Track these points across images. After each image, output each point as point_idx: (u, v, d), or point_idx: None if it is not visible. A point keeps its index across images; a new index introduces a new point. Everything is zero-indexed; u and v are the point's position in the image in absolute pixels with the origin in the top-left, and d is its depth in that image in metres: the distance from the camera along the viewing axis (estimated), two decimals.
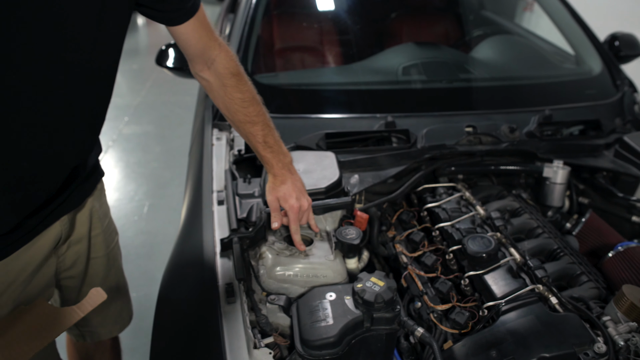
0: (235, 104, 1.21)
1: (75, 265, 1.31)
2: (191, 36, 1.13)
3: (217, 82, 1.20)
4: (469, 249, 1.26)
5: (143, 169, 3.81)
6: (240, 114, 1.22)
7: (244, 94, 1.21)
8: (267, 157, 1.26)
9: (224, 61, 1.19)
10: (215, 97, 1.23)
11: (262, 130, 1.24)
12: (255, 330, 1.11)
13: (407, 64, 2.00)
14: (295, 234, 1.25)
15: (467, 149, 1.62)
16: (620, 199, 1.59)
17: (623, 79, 2.02)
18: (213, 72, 1.19)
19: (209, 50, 1.17)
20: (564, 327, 1.06)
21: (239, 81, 1.21)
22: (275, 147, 1.26)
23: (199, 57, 1.18)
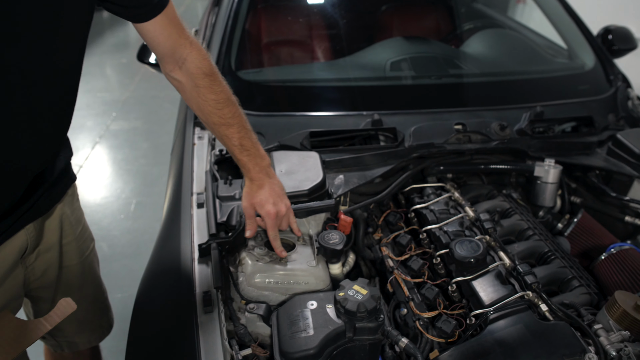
0: (209, 106, 1.14)
1: (46, 274, 1.26)
2: (159, 34, 1.07)
3: (189, 82, 1.14)
4: (457, 253, 1.21)
5: (130, 165, 3.74)
6: (215, 116, 1.15)
7: (218, 95, 1.15)
8: (244, 160, 1.20)
9: (196, 60, 1.12)
10: (188, 98, 1.17)
11: (238, 132, 1.18)
12: (233, 341, 1.06)
13: (395, 59, 1.95)
14: (274, 241, 1.20)
15: (456, 148, 1.58)
16: (613, 199, 1.55)
17: (616, 73, 1.98)
18: (185, 72, 1.13)
19: (180, 48, 1.11)
20: (554, 336, 1.02)
21: (212, 82, 1.14)
22: (252, 150, 1.20)
23: (169, 57, 1.11)
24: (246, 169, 1.21)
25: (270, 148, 1.56)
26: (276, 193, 1.21)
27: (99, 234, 2.96)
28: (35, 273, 1.23)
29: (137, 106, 4.72)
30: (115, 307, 2.37)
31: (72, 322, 1.44)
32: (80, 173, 3.63)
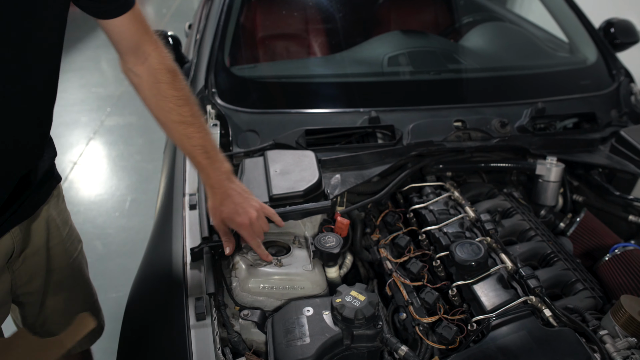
0: (170, 102, 1.10)
1: (33, 279, 1.22)
2: (127, 29, 1.05)
3: (150, 78, 1.10)
4: (457, 256, 1.18)
5: (125, 162, 3.69)
6: (175, 113, 1.10)
7: (179, 91, 1.11)
8: (204, 164, 1.14)
9: (159, 57, 1.10)
10: (147, 96, 1.12)
11: (198, 132, 1.13)
12: (227, 349, 1.03)
13: (392, 54, 1.90)
14: (257, 248, 1.16)
15: (456, 146, 1.54)
16: (616, 197, 1.51)
17: (619, 68, 1.93)
18: (147, 67, 1.10)
19: (144, 44, 1.08)
20: (558, 343, 0.99)
21: (174, 78, 1.11)
22: (212, 153, 1.14)
23: (132, 52, 1.08)
24: (206, 174, 1.15)
25: (265, 147, 1.51)
26: (242, 198, 1.15)
27: (93, 232, 2.92)
28: (22, 278, 1.19)
29: (132, 101, 4.65)
30: (109, 306, 2.34)
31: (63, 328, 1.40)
32: (74, 170, 3.58)
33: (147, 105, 1.14)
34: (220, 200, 1.14)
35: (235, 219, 1.13)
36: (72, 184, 3.42)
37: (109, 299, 2.40)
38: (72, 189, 3.37)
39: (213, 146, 1.16)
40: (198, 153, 1.13)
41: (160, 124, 1.15)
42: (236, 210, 1.13)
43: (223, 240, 1.17)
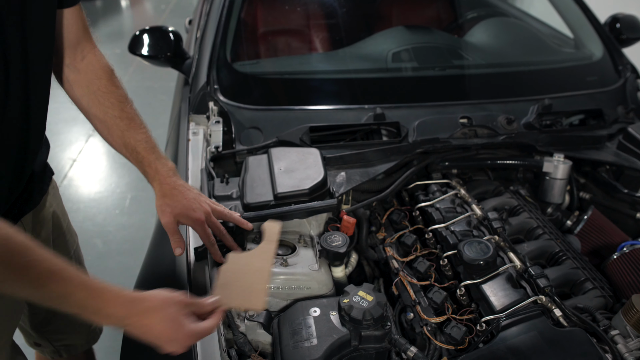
0: (111, 97, 1.08)
1: None
2: (74, 22, 1.05)
3: (89, 74, 1.08)
4: (465, 255, 1.16)
5: (125, 159, 3.64)
6: (117, 108, 1.07)
7: (119, 89, 1.10)
8: (150, 159, 1.07)
9: (98, 55, 1.11)
10: (84, 93, 1.08)
11: (141, 127, 1.09)
12: (233, 351, 1.01)
13: (396, 50, 1.88)
14: (211, 247, 1.10)
15: (462, 143, 1.52)
16: (624, 195, 1.49)
17: (625, 64, 1.91)
18: (86, 64, 1.09)
19: (85, 42, 1.09)
20: (569, 344, 0.97)
21: (113, 76, 1.11)
22: (156, 149, 1.10)
23: (73, 47, 1.07)
24: (154, 170, 1.07)
25: (269, 144, 1.49)
26: (194, 194, 1.09)
27: (93, 230, 2.90)
28: None
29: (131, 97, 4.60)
30: None
31: (70, 324, 1.39)
32: (73, 167, 3.56)
33: (83, 103, 1.09)
34: (170, 196, 1.06)
35: (190, 214, 1.05)
36: (71, 182, 3.40)
37: None
38: (72, 186, 3.35)
39: (156, 144, 1.11)
40: (143, 148, 1.07)
41: (96, 123, 1.10)
42: (190, 205, 1.06)
43: (172, 241, 1.06)
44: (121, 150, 1.10)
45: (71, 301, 0.74)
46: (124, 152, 1.09)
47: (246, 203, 1.24)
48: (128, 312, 0.78)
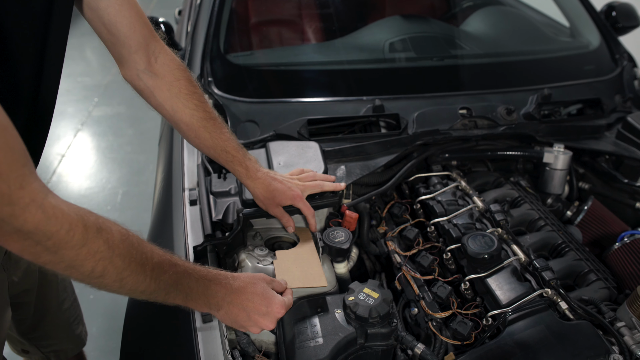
0: (194, 99, 1.04)
1: (27, 276, 1.17)
2: (136, 21, 0.96)
3: (168, 76, 1.02)
4: (470, 249, 1.15)
5: (115, 154, 3.61)
6: (200, 109, 1.05)
7: (197, 88, 1.06)
8: (240, 158, 1.09)
9: (169, 54, 1.03)
10: (166, 98, 1.03)
11: (224, 127, 1.09)
12: (236, 352, 0.99)
13: (393, 40, 1.85)
14: (312, 218, 1.18)
15: (462, 134, 1.50)
16: (624, 185, 1.49)
17: (622, 52, 1.90)
18: (161, 65, 1.02)
19: (153, 40, 1.00)
20: (577, 337, 0.96)
21: (189, 73, 1.06)
22: (241, 146, 1.11)
23: (144, 49, 0.99)
24: (244, 167, 1.10)
25: (266, 138, 1.46)
26: (281, 176, 1.15)
27: None
28: (17, 275, 1.14)
29: (120, 91, 4.54)
30: (104, 304, 2.30)
31: (60, 325, 1.37)
32: (62, 163, 3.50)
33: (166, 109, 1.04)
34: (265, 188, 1.11)
35: (288, 194, 1.11)
36: (60, 177, 3.34)
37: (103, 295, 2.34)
38: (61, 182, 3.29)
39: (236, 137, 1.12)
40: (232, 147, 1.08)
41: (182, 127, 1.06)
42: (284, 187, 1.12)
43: (284, 222, 1.16)
44: (209, 152, 1.10)
45: (180, 288, 0.78)
46: (212, 154, 1.10)
47: (245, 199, 1.21)
48: (227, 290, 0.84)
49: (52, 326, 1.35)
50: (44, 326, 1.33)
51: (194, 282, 0.81)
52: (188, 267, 0.81)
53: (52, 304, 1.32)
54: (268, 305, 0.87)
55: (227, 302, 0.85)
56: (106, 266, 0.67)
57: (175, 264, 0.78)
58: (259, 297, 0.87)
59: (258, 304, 0.87)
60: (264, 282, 0.91)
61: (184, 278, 0.79)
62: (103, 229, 0.67)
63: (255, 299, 0.87)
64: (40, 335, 1.33)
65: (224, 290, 0.85)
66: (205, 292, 0.82)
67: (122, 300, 1.22)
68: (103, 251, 0.66)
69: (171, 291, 0.78)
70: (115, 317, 2.06)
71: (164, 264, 0.76)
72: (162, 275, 0.75)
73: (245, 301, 0.86)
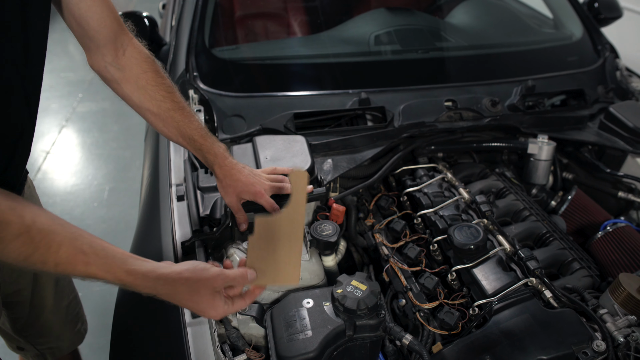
0: (162, 90, 1.04)
1: (22, 275, 1.16)
2: (107, 15, 0.96)
3: (135, 69, 1.02)
4: (456, 240, 1.16)
5: (101, 150, 3.57)
6: (168, 100, 1.05)
7: (164, 79, 1.06)
8: (207, 145, 1.09)
9: (137, 46, 1.04)
10: (133, 89, 1.04)
11: (192, 115, 1.08)
12: (226, 346, 1.00)
13: (379, 33, 1.85)
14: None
15: (448, 126, 1.51)
16: (606, 174, 1.51)
17: (604, 43, 1.93)
18: (129, 58, 1.02)
19: (121, 34, 1.01)
20: (561, 325, 0.98)
21: (156, 65, 1.06)
22: (210, 133, 1.11)
23: (112, 43, 1.00)
24: (213, 154, 1.09)
25: (252, 132, 1.46)
26: (249, 170, 1.14)
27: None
28: (11, 275, 1.14)
29: (104, 86, 4.35)
30: (93, 300, 2.28)
31: (55, 324, 1.36)
32: (47, 160, 3.45)
33: (133, 100, 1.06)
34: (230, 176, 1.11)
35: (250, 189, 1.11)
36: (46, 175, 3.30)
37: (93, 292, 2.34)
38: (47, 179, 3.25)
39: (205, 125, 1.11)
40: (200, 135, 1.08)
41: (149, 117, 1.08)
42: (249, 181, 1.11)
43: (237, 217, 1.14)
44: (177, 140, 1.10)
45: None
46: (181, 142, 1.10)
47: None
48: (173, 290, 0.79)
49: (48, 325, 1.34)
50: (40, 325, 1.32)
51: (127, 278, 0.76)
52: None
53: (48, 303, 1.31)
54: (209, 312, 0.82)
55: (170, 299, 0.80)
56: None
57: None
58: (202, 304, 0.81)
59: (200, 309, 0.82)
60: (212, 286, 0.81)
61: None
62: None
63: (197, 306, 0.81)
64: (36, 333, 1.32)
65: (166, 290, 0.79)
66: (144, 289, 0.78)
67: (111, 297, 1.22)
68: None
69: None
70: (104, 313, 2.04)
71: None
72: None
73: (186, 303, 0.82)
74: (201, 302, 0.81)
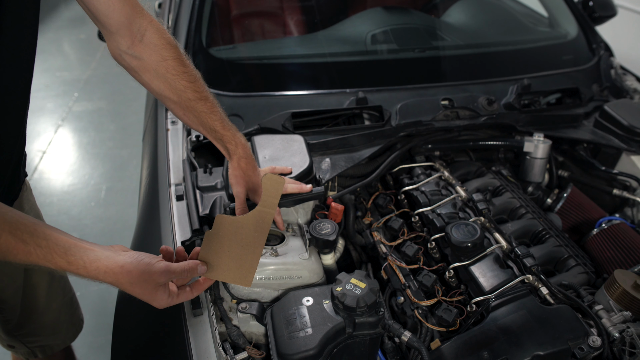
0: (183, 80, 1.00)
1: (14, 277, 1.16)
2: (116, 0, 0.91)
3: (154, 56, 0.97)
4: (453, 238, 1.17)
5: (98, 149, 3.56)
6: (190, 90, 1.01)
7: (187, 67, 1.01)
8: (229, 136, 1.07)
9: (157, 31, 0.98)
10: (152, 78, 1.00)
11: (214, 106, 1.06)
12: (227, 344, 1.00)
13: (375, 32, 1.86)
14: (277, 216, 1.17)
15: (445, 125, 1.52)
16: (601, 172, 1.53)
17: (599, 42, 1.94)
18: (147, 45, 0.97)
19: (138, 17, 0.95)
20: (557, 321, 1.00)
21: (178, 52, 1.01)
22: (231, 124, 1.10)
23: (125, 29, 0.95)
24: (233, 144, 1.08)
25: (250, 132, 1.47)
26: (269, 169, 1.15)
27: (68, 224, 2.82)
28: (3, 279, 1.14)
29: (100, 85, 4.48)
30: (91, 300, 2.29)
31: (47, 324, 1.36)
32: (44, 159, 3.44)
33: (153, 89, 1.02)
34: (246, 169, 1.10)
35: (259, 190, 1.10)
36: (42, 175, 3.29)
37: (90, 292, 2.34)
38: (43, 179, 3.24)
39: (226, 114, 1.10)
40: (221, 126, 1.06)
41: (170, 105, 1.05)
42: (259, 175, 1.11)
43: (238, 209, 1.11)
44: (197, 128, 1.09)
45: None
46: (201, 131, 1.09)
47: (231, 193, 1.22)
48: (115, 281, 0.79)
49: (38, 325, 1.34)
50: (30, 325, 1.32)
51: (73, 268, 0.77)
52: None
53: (40, 304, 1.31)
54: (154, 302, 0.83)
55: (117, 286, 0.81)
56: None
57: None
58: (146, 295, 0.82)
59: (146, 298, 0.83)
60: (156, 279, 0.81)
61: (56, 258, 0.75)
62: None
63: (143, 295, 0.82)
64: (27, 333, 1.32)
65: (111, 279, 0.79)
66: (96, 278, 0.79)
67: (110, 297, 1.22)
68: None
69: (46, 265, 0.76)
70: (103, 313, 2.05)
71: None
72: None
73: (132, 292, 0.82)
74: (143, 295, 0.81)
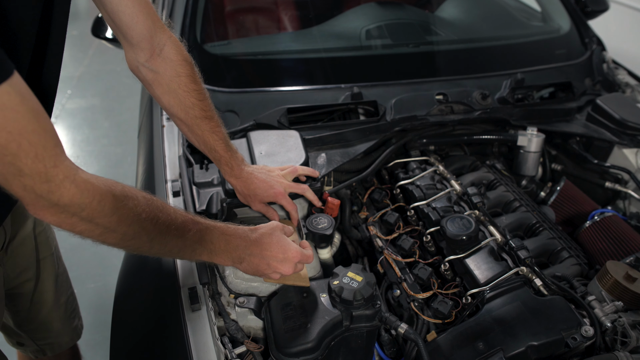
0: (192, 97, 1.04)
1: (26, 269, 1.18)
2: (139, 12, 0.93)
3: (169, 72, 1.01)
4: (448, 231, 1.19)
5: (92, 147, 3.55)
6: (197, 108, 1.05)
7: (199, 85, 1.05)
8: (226, 157, 1.12)
9: (175, 47, 1.01)
10: (164, 92, 1.04)
11: (219, 126, 1.10)
12: (226, 338, 1.01)
13: (370, 27, 1.86)
14: (296, 213, 1.21)
15: (439, 119, 1.53)
16: (594, 165, 1.55)
17: (591, 36, 1.96)
18: (164, 59, 1.00)
19: (159, 32, 0.98)
20: (551, 312, 1.02)
21: (193, 70, 1.05)
22: (231, 145, 1.13)
23: (146, 42, 0.97)
24: (229, 166, 1.13)
25: (246, 127, 1.47)
26: (265, 174, 1.17)
27: None
28: (14, 270, 1.17)
29: (93, 82, 4.45)
30: (88, 297, 2.29)
31: (56, 320, 1.37)
32: None
33: (164, 102, 1.06)
34: (247, 186, 1.14)
35: (270, 192, 1.14)
36: None
37: (88, 289, 2.34)
38: None
39: (228, 136, 1.14)
40: (221, 148, 1.10)
41: (177, 122, 1.09)
42: (267, 185, 1.14)
43: (269, 215, 1.19)
44: (200, 147, 1.13)
45: (204, 245, 0.85)
46: (203, 149, 1.13)
47: (227, 189, 1.23)
48: (246, 242, 0.91)
49: (48, 319, 1.35)
50: (40, 319, 1.34)
51: (215, 238, 0.87)
52: (209, 224, 0.87)
53: (49, 299, 1.32)
54: (285, 252, 0.93)
55: (248, 254, 0.91)
56: (136, 229, 0.74)
57: (197, 222, 0.84)
58: (276, 245, 0.93)
59: (275, 252, 0.93)
60: (279, 230, 0.96)
61: (206, 235, 0.85)
62: (129, 196, 0.73)
63: (272, 247, 0.92)
64: (36, 328, 1.33)
65: (243, 243, 0.90)
66: (227, 247, 0.88)
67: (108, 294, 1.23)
68: (132, 216, 0.72)
69: (196, 248, 0.84)
70: (101, 310, 2.05)
71: (187, 223, 0.81)
72: (186, 234, 0.81)
73: (263, 251, 0.92)
74: (283, 245, 0.94)
